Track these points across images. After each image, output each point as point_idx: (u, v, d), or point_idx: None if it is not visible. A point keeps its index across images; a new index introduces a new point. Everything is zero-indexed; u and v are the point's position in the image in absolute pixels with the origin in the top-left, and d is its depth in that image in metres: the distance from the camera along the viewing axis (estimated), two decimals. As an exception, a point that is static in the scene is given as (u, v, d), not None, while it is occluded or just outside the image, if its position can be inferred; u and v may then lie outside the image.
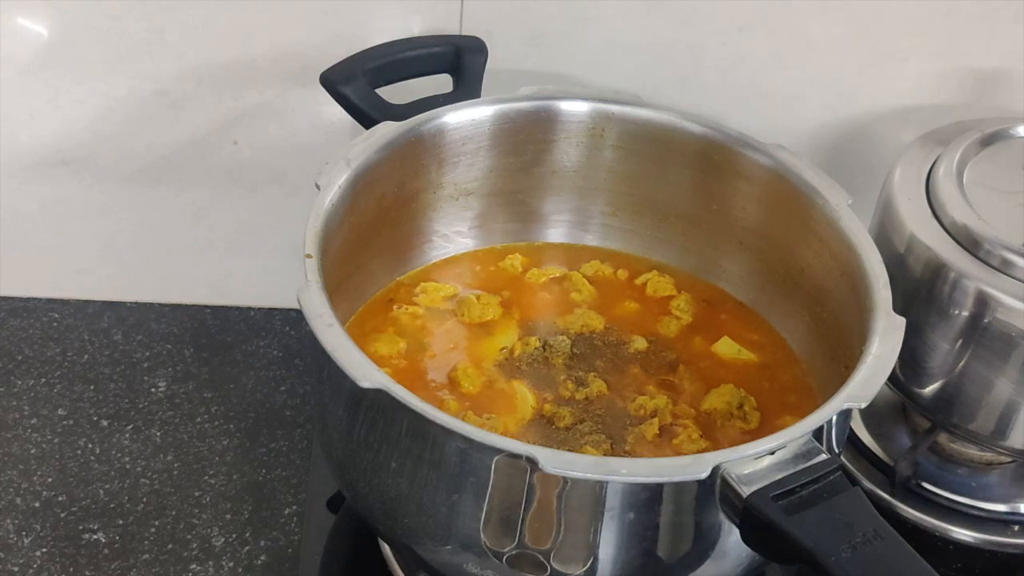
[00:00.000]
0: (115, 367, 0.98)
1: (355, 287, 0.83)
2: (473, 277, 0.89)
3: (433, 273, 0.89)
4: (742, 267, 0.88)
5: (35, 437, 0.92)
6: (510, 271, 0.89)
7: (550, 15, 0.91)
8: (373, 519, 0.73)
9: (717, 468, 0.61)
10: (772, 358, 0.84)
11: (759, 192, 0.85)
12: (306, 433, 0.94)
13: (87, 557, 0.84)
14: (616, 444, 0.76)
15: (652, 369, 0.82)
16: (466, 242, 0.90)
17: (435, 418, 0.63)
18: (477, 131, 0.85)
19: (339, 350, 0.65)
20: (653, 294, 0.88)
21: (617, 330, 0.85)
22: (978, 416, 0.84)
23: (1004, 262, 0.79)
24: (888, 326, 0.71)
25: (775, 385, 0.82)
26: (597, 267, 0.90)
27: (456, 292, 0.87)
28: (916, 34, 0.93)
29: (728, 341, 0.85)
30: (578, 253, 0.91)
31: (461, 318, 0.84)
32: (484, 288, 0.87)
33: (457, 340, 0.83)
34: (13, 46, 0.90)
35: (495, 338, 0.83)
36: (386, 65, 0.84)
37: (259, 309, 1.04)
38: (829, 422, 0.66)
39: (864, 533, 0.59)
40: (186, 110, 0.93)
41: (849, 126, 0.97)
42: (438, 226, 0.89)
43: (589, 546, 0.65)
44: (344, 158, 0.77)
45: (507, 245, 0.91)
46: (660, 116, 0.86)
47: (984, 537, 0.89)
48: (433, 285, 0.87)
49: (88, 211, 0.98)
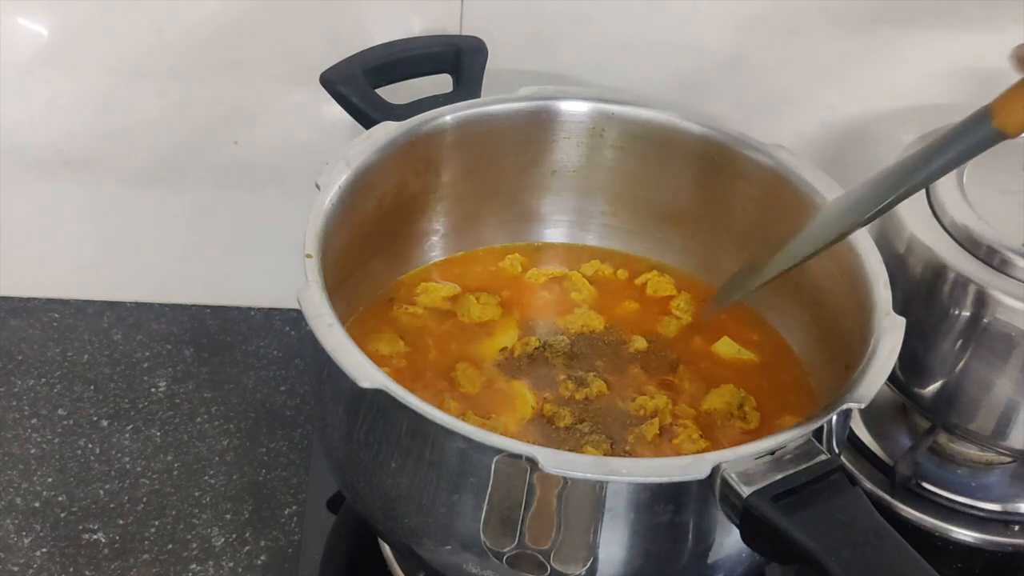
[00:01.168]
0: (115, 367, 0.98)
1: (355, 287, 0.83)
2: (473, 277, 0.89)
3: (433, 273, 0.89)
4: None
5: (35, 437, 0.92)
6: (510, 271, 0.89)
7: (550, 15, 0.91)
8: (373, 519, 0.73)
9: (717, 468, 0.61)
10: (772, 358, 0.84)
11: (759, 192, 0.84)
12: (306, 433, 0.94)
13: (87, 557, 0.84)
14: (616, 444, 0.76)
15: (652, 369, 0.82)
16: (466, 242, 0.90)
17: (435, 418, 0.63)
18: (477, 131, 0.85)
19: (339, 350, 0.65)
20: (653, 294, 0.88)
21: (617, 330, 0.85)
22: (978, 416, 0.84)
23: (1004, 262, 0.79)
24: (888, 326, 0.71)
25: (775, 385, 0.82)
26: (597, 267, 0.90)
27: (456, 292, 0.87)
28: (916, 34, 0.93)
29: (728, 341, 0.85)
30: (578, 253, 0.91)
31: (461, 318, 0.84)
32: (484, 288, 0.87)
33: (457, 340, 0.83)
34: (13, 46, 0.90)
35: (495, 338, 0.83)
36: (386, 65, 0.84)
37: (259, 309, 1.04)
38: (829, 422, 0.66)
39: (864, 533, 0.59)
40: (186, 110, 0.93)
41: (849, 126, 0.97)
42: (438, 226, 0.89)
43: (589, 546, 0.65)
44: (344, 158, 0.77)
45: (507, 245, 0.91)
46: (660, 116, 0.86)
47: (984, 537, 0.89)
48: (433, 285, 0.87)
49: (88, 211, 0.98)
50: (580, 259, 0.91)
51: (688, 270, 0.90)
